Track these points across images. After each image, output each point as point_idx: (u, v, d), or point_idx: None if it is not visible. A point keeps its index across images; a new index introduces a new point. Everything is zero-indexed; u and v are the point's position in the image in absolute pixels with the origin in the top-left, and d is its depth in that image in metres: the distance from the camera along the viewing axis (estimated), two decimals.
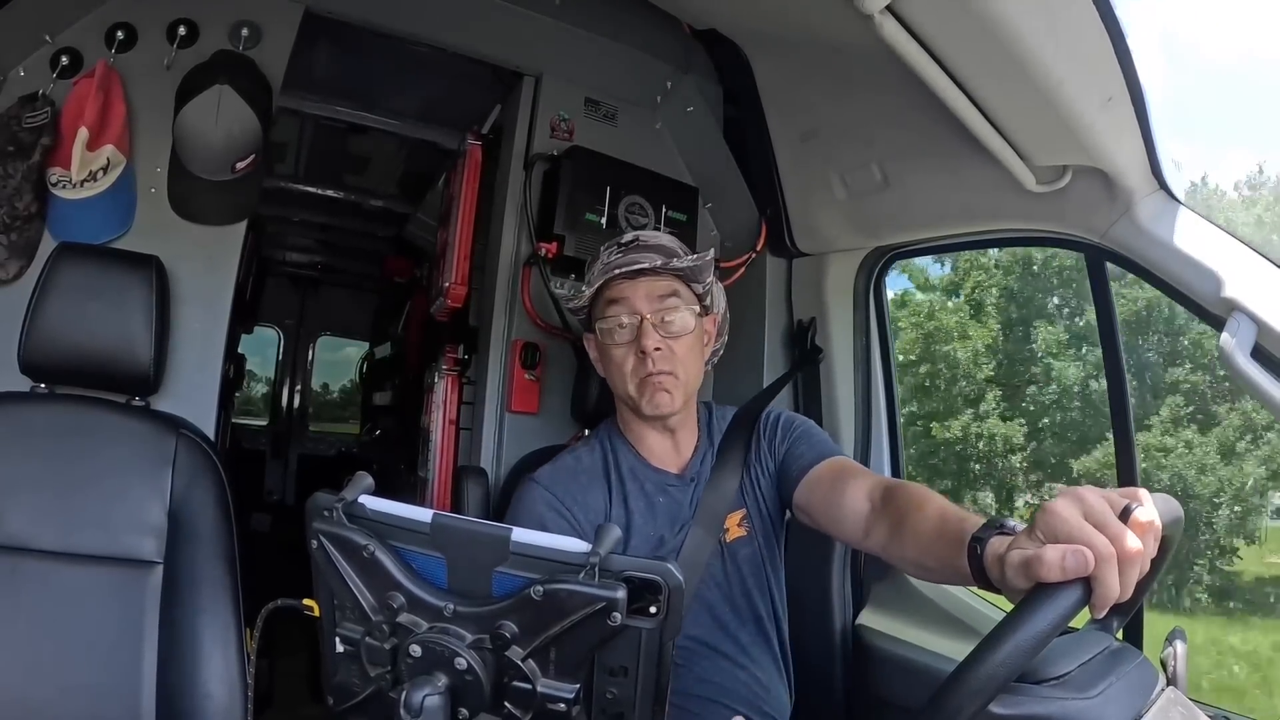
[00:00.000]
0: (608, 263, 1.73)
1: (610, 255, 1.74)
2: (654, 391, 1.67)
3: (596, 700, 0.82)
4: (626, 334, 1.68)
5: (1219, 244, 1.52)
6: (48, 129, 1.84)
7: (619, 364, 1.70)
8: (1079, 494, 0.90)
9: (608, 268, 1.71)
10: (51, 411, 1.74)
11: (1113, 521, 0.88)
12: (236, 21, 2.11)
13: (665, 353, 1.67)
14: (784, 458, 1.73)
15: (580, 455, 1.79)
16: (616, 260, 1.71)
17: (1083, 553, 0.85)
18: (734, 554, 1.72)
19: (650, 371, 1.66)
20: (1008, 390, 10.53)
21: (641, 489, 1.73)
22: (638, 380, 1.68)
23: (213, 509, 1.75)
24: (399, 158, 4.05)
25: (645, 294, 1.69)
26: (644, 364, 1.66)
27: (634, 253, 1.72)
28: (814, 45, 1.97)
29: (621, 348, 1.69)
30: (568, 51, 2.50)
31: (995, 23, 1.32)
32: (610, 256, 1.74)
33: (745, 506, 1.75)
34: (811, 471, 1.65)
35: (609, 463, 1.77)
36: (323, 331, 7.57)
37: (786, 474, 1.71)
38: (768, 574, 1.75)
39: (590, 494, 1.70)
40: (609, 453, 1.79)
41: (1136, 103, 1.45)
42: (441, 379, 2.85)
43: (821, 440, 1.76)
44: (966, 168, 1.81)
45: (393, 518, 0.87)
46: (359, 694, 0.89)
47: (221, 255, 2.11)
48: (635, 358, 1.67)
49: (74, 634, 1.61)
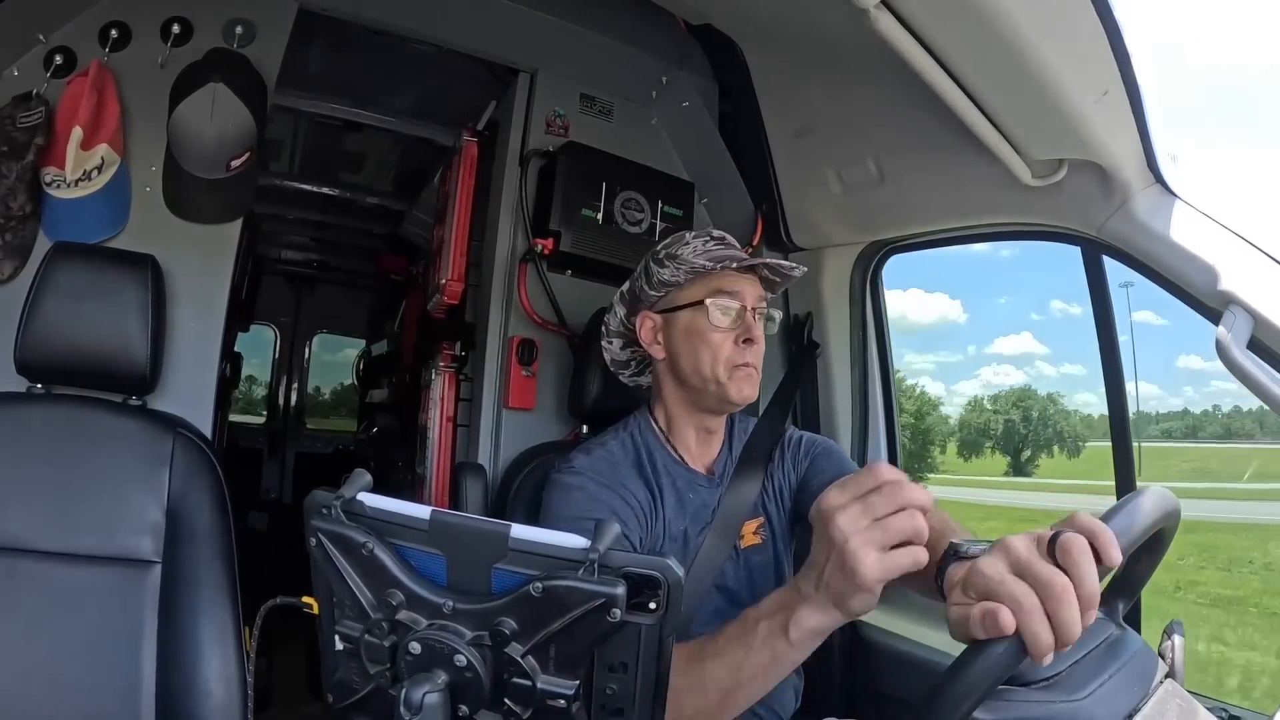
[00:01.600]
0: (708, 250, 1.75)
1: (708, 244, 1.76)
2: (744, 380, 1.70)
3: (596, 696, 0.82)
4: (731, 321, 1.70)
5: (1215, 237, 1.52)
6: (42, 128, 1.84)
7: (715, 347, 1.69)
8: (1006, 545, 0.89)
9: (715, 255, 1.73)
10: (48, 412, 1.73)
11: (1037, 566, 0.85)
12: (230, 19, 2.11)
13: (759, 348, 1.71)
14: (805, 473, 1.78)
15: (612, 449, 1.78)
16: (721, 251, 1.74)
17: (995, 612, 0.83)
18: (747, 560, 1.73)
19: (747, 361, 1.69)
20: None
21: (674, 485, 1.75)
22: (731, 366, 1.69)
23: (210, 508, 1.75)
24: (394, 155, 4.05)
25: (751, 289, 1.73)
26: (742, 353, 1.69)
27: (731, 248, 1.76)
28: (809, 40, 1.97)
29: (722, 333, 1.70)
30: (563, 47, 2.50)
31: (990, 17, 1.32)
32: (709, 245, 1.75)
33: (763, 515, 1.77)
34: None
35: (642, 458, 1.77)
36: (319, 330, 7.57)
37: (806, 488, 1.74)
38: (780, 581, 1.76)
39: (631, 483, 1.70)
40: (641, 448, 1.79)
41: (1132, 96, 1.45)
42: (438, 376, 2.85)
43: (841, 458, 1.81)
44: (962, 162, 1.82)
45: (391, 515, 0.86)
46: (358, 691, 0.89)
47: (217, 254, 2.11)
48: (734, 346, 1.69)
49: (73, 634, 1.61)
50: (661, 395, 1.83)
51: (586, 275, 2.48)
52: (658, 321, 1.79)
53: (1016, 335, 9.36)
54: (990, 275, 8.01)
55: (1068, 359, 6.52)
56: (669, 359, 1.77)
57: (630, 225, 2.45)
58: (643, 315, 1.82)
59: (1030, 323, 7.25)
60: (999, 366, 9.64)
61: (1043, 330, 6.25)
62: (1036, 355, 6.93)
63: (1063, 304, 6.06)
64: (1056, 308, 6.10)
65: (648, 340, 1.80)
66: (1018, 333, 9.43)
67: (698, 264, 1.72)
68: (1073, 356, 6.56)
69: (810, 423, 2.41)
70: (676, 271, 1.74)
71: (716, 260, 1.71)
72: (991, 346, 10.09)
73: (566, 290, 2.46)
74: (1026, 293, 6.82)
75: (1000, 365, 9.22)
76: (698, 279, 1.74)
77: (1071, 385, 9.33)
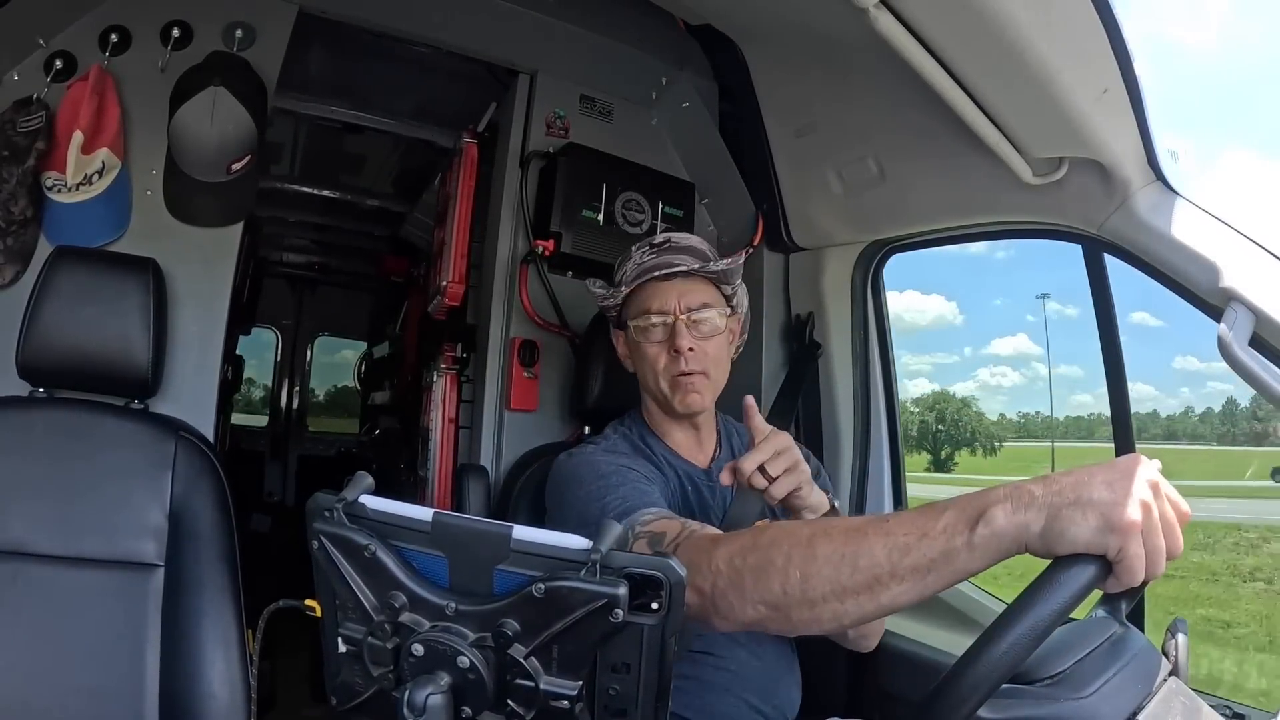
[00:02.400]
0: (641, 263, 1.76)
1: (643, 256, 1.78)
2: (686, 391, 1.73)
3: (599, 697, 0.82)
4: (660, 333, 1.73)
5: (1216, 234, 1.52)
6: (42, 133, 1.84)
7: (651, 362, 1.74)
8: None
9: (642, 269, 1.75)
10: (50, 416, 1.74)
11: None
12: (230, 23, 2.11)
13: (698, 353, 1.71)
14: None
15: (615, 442, 1.81)
16: (650, 261, 1.75)
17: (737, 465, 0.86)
18: None
19: (683, 370, 1.71)
20: None
21: (676, 474, 1.77)
22: (670, 378, 1.73)
23: (213, 511, 1.75)
24: (395, 157, 4.05)
25: (679, 295, 1.73)
26: (676, 363, 1.71)
27: (667, 254, 1.76)
28: (809, 40, 1.97)
29: (655, 346, 1.74)
30: (563, 49, 2.50)
31: (990, 16, 1.32)
32: (644, 257, 1.77)
33: (770, 517, 1.72)
34: None
35: (641, 448, 1.80)
36: (320, 332, 7.56)
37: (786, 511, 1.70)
38: None
39: (640, 465, 1.70)
40: (638, 440, 1.83)
41: (1132, 94, 1.45)
42: (440, 378, 2.85)
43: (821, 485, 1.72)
44: (963, 161, 1.81)
45: (394, 517, 0.86)
46: (362, 694, 0.89)
47: (218, 257, 2.11)
48: (668, 356, 1.72)
49: (76, 637, 1.61)
50: (643, 401, 1.89)
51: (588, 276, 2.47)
52: (623, 337, 1.86)
53: (1013, 336, 9.31)
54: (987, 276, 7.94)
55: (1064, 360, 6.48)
56: (636, 372, 1.85)
57: (631, 226, 2.45)
58: (614, 333, 1.91)
59: (1025, 324, 7.23)
60: (996, 368, 9.59)
61: (1038, 332, 6.24)
62: (1032, 356, 6.89)
63: (1058, 305, 6.01)
64: (1051, 309, 6.06)
65: (621, 355, 1.89)
66: (1013, 334, 9.39)
67: (629, 279, 1.77)
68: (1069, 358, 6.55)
69: (812, 423, 2.41)
70: (616, 292, 1.80)
71: (640, 274, 1.75)
72: (988, 348, 10.02)
73: (568, 291, 2.46)
74: (1019, 294, 6.79)
75: (997, 366, 9.16)
76: (632, 295, 1.79)
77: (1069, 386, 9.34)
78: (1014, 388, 9.70)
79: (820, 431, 2.39)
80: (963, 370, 11.40)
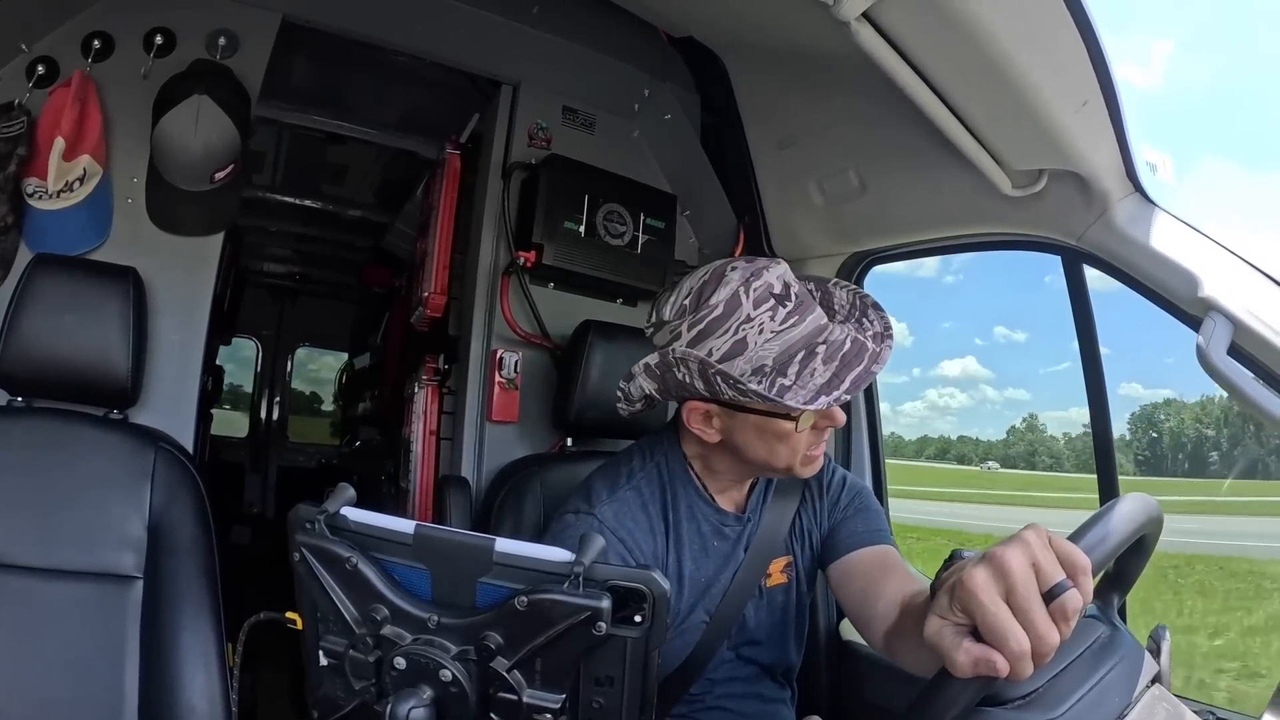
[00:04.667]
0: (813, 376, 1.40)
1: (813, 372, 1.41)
2: (816, 463, 1.53)
3: (583, 710, 0.82)
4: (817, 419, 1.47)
5: (1194, 245, 1.54)
6: (24, 139, 1.83)
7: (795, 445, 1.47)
8: (1004, 566, 0.81)
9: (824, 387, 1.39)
10: (29, 425, 1.72)
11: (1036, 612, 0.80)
12: (213, 31, 2.11)
13: None
14: (839, 524, 1.65)
15: (640, 488, 1.59)
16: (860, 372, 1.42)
17: (992, 662, 0.80)
18: (770, 599, 1.65)
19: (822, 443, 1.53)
20: None
21: (698, 531, 1.60)
22: (804, 455, 1.50)
23: (192, 523, 1.74)
24: (377, 167, 4.05)
25: None
26: (819, 440, 1.51)
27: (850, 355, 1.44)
28: (791, 53, 1.98)
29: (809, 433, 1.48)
30: (545, 60, 2.50)
31: (971, 29, 1.33)
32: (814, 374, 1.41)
33: (791, 553, 1.68)
34: (857, 554, 1.57)
35: (666, 500, 1.60)
36: (301, 343, 7.54)
37: (835, 542, 1.63)
38: (799, 620, 1.71)
39: (646, 538, 1.55)
40: (667, 487, 1.61)
41: (1111, 107, 1.46)
42: (422, 389, 2.85)
43: (876, 516, 1.66)
44: (943, 173, 1.83)
45: (375, 529, 0.86)
46: (344, 707, 0.89)
47: (199, 266, 2.10)
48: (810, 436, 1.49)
49: (55, 650, 1.60)
50: (703, 449, 1.60)
51: (569, 288, 2.48)
52: (714, 410, 1.51)
53: (960, 359, 9.31)
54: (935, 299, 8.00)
55: (1011, 384, 6.52)
56: (725, 442, 1.53)
57: (613, 238, 2.45)
58: (691, 406, 1.52)
59: (974, 347, 7.22)
60: (943, 389, 9.66)
61: (985, 355, 6.22)
62: (980, 379, 6.91)
63: (1005, 330, 6.07)
64: (1000, 334, 6.09)
65: (698, 427, 1.53)
66: (961, 356, 9.41)
67: (795, 403, 1.36)
68: (1016, 381, 6.58)
69: None
70: (812, 400, 1.39)
71: (825, 391, 1.39)
72: (937, 369, 10.08)
73: (549, 303, 2.47)
74: (969, 318, 6.81)
75: (945, 388, 9.22)
76: None
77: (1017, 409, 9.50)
78: (961, 409, 9.79)
79: None
80: (912, 389, 11.47)
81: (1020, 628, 0.80)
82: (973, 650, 0.81)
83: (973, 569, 0.83)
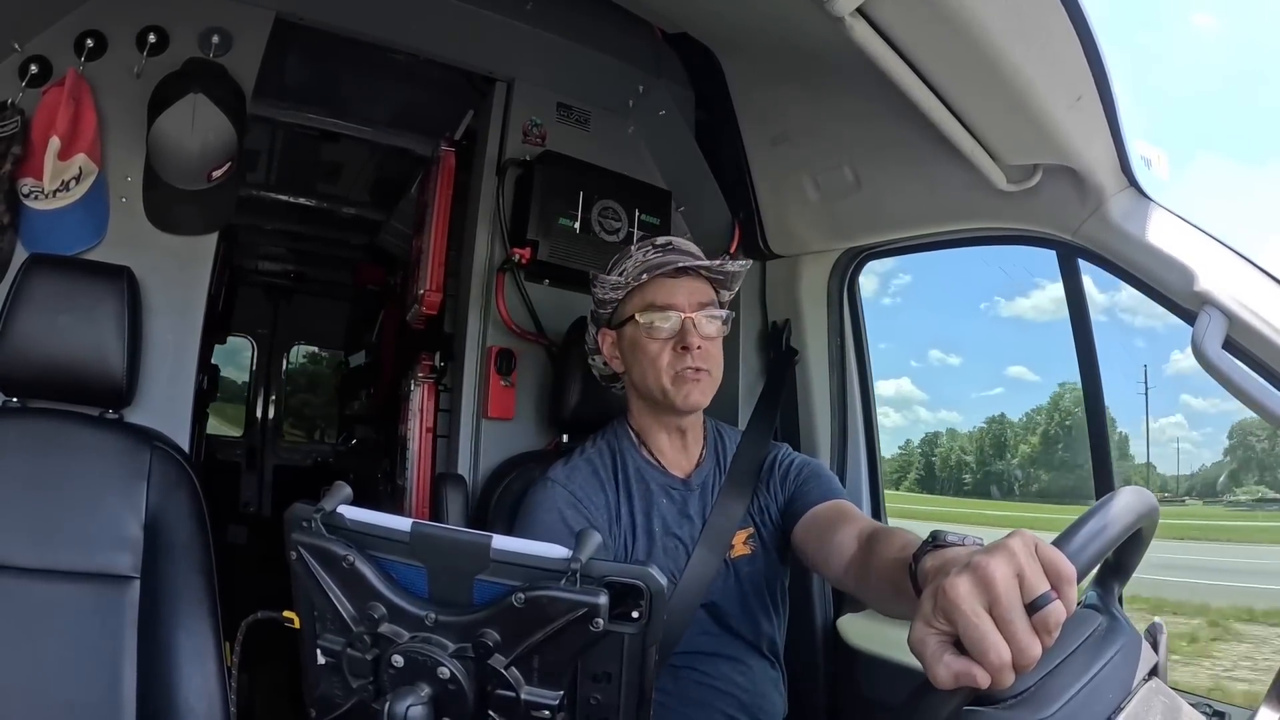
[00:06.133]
0: (646, 260, 1.76)
1: (647, 254, 1.78)
2: (690, 386, 1.71)
3: (581, 706, 0.82)
4: (667, 330, 1.72)
5: (1189, 239, 1.54)
6: (18, 139, 1.82)
7: (654, 358, 1.72)
8: (988, 577, 0.81)
9: (649, 265, 1.75)
10: (24, 426, 1.71)
11: (1018, 624, 0.79)
12: (207, 28, 2.09)
13: (703, 351, 1.71)
14: (792, 494, 1.77)
15: (590, 456, 1.82)
16: (656, 259, 1.75)
17: (973, 675, 0.79)
18: (737, 570, 1.75)
19: (689, 366, 1.70)
20: None
21: (647, 488, 1.78)
22: (673, 374, 1.71)
23: (189, 522, 1.73)
24: (371, 165, 4.04)
25: (687, 294, 1.74)
26: (682, 359, 1.70)
27: (672, 253, 1.77)
28: (785, 48, 1.98)
29: (659, 342, 1.72)
30: (540, 56, 2.50)
31: (965, 24, 1.33)
32: (647, 255, 1.78)
33: (752, 525, 1.78)
34: (812, 510, 1.67)
35: (616, 464, 1.80)
36: (297, 341, 7.52)
37: (791, 510, 1.73)
38: (770, 590, 1.78)
39: (598, 496, 1.73)
40: (616, 453, 1.82)
41: (1106, 101, 1.46)
42: (417, 387, 2.85)
43: (828, 480, 1.79)
44: (938, 168, 1.83)
45: (372, 527, 0.86)
46: (341, 706, 0.89)
47: (193, 265, 2.09)
48: (673, 353, 1.71)
49: (52, 651, 1.59)
50: (630, 405, 1.88)
51: (564, 284, 2.47)
52: (613, 337, 1.85)
53: (896, 380, 9.28)
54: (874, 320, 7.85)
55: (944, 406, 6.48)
56: (627, 372, 1.84)
57: (608, 234, 2.45)
58: (601, 332, 1.88)
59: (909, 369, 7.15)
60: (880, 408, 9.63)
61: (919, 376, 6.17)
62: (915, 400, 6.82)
63: (940, 354, 6.04)
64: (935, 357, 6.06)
65: (608, 356, 1.87)
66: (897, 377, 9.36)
67: (624, 280, 1.77)
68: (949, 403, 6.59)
69: (790, 430, 2.41)
70: (615, 288, 1.80)
71: (647, 270, 1.75)
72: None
73: (544, 299, 2.46)
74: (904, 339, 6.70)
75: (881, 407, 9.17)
76: (634, 292, 1.78)
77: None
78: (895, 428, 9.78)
79: (798, 436, 2.39)
80: None
81: (1002, 640, 0.79)
82: (953, 665, 0.80)
83: (956, 578, 0.82)
